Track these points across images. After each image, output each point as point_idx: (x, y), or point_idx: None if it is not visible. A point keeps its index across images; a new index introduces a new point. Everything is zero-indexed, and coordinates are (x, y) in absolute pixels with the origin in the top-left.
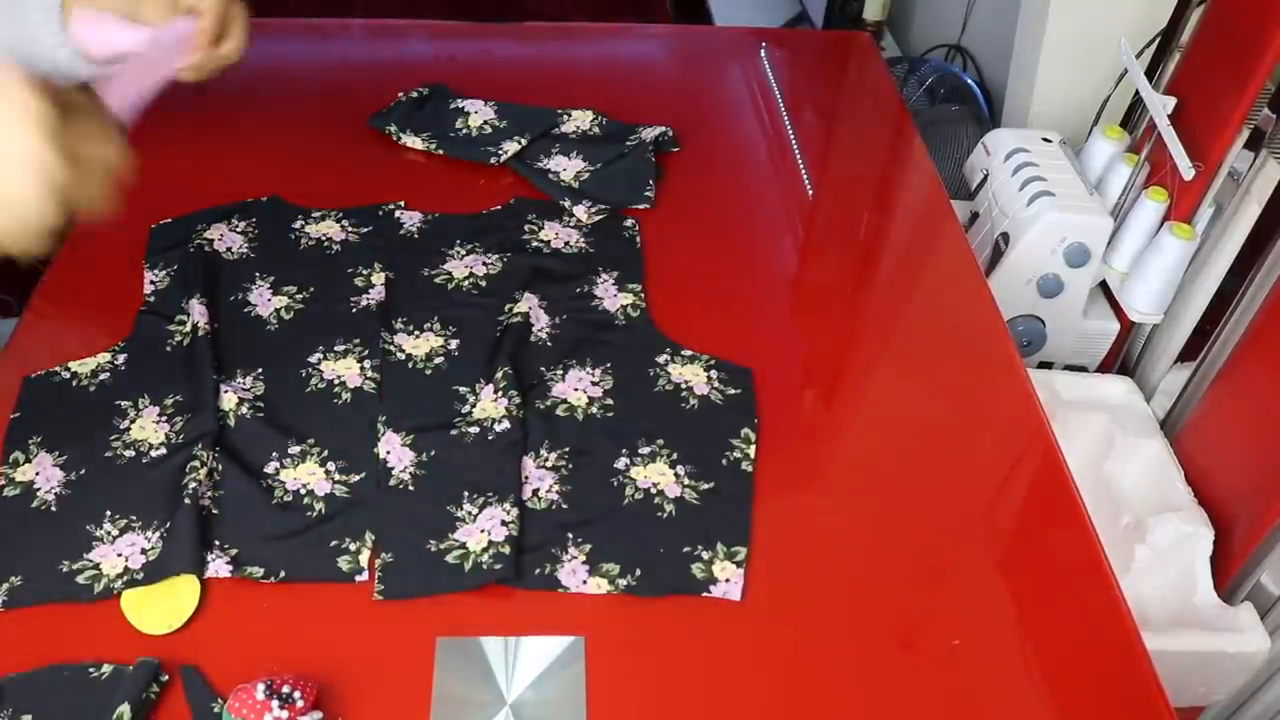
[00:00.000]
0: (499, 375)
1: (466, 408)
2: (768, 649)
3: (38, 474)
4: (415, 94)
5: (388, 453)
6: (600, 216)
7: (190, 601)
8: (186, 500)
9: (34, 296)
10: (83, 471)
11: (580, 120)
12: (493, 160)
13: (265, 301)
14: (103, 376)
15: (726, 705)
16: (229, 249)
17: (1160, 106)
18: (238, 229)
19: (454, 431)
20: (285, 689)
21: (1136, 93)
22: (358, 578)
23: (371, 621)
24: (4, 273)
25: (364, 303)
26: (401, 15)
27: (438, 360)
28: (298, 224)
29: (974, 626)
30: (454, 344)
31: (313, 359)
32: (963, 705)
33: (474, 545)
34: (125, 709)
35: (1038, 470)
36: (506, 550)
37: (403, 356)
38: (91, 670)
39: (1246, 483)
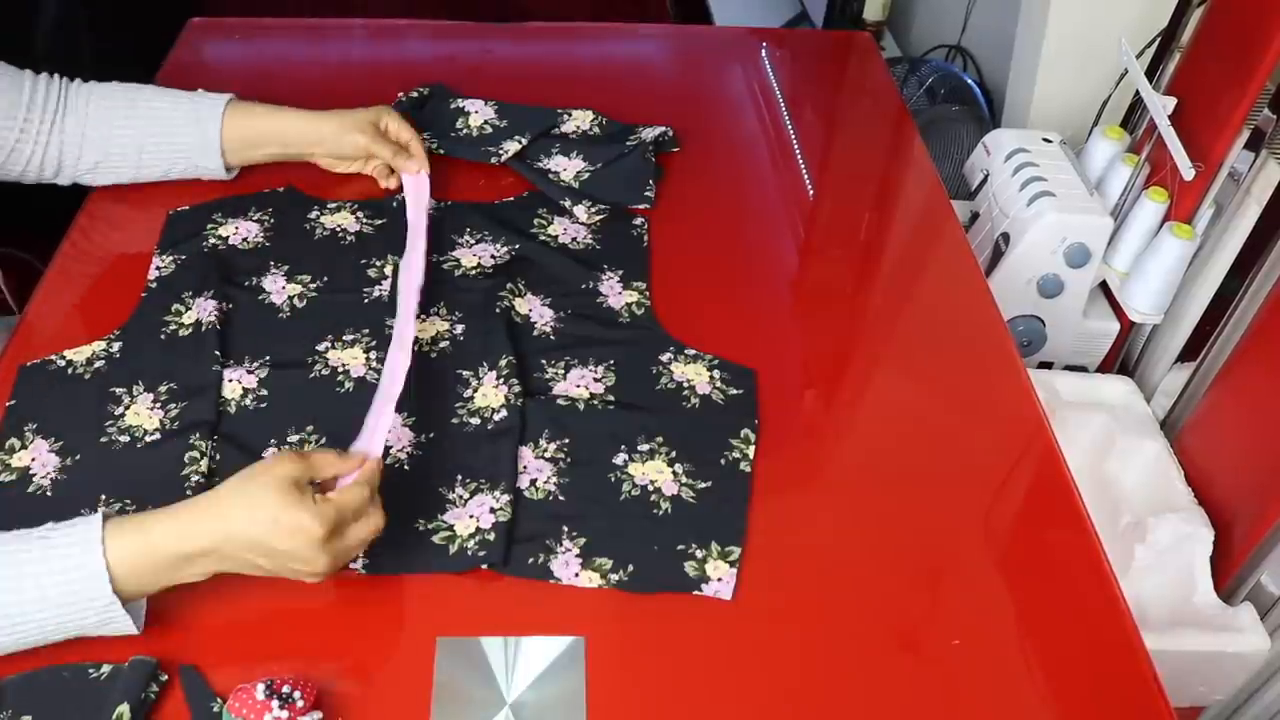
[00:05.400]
0: (502, 363)
1: (469, 392)
2: (768, 650)
3: (34, 460)
4: (415, 94)
5: (388, 431)
6: (600, 216)
7: None
8: (188, 493)
9: (37, 290)
10: (78, 457)
11: (580, 120)
12: (493, 160)
13: (279, 289)
14: (98, 364)
15: (727, 706)
16: (245, 238)
17: (1160, 107)
18: (254, 218)
19: (454, 420)
20: (285, 689)
21: (1136, 93)
22: (351, 564)
23: (371, 621)
24: (5, 265)
25: (376, 293)
26: (401, 15)
27: (443, 344)
28: (313, 214)
29: (974, 626)
30: (459, 329)
31: (320, 347)
32: (963, 705)
33: (461, 529)
34: (125, 709)
35: (1038, 470)
36: (493, 538)
37: None
38: (91, 670)
39: (1246, 483)
